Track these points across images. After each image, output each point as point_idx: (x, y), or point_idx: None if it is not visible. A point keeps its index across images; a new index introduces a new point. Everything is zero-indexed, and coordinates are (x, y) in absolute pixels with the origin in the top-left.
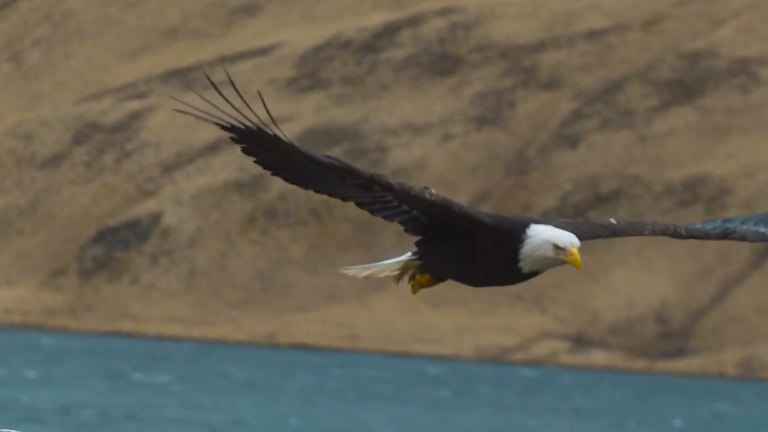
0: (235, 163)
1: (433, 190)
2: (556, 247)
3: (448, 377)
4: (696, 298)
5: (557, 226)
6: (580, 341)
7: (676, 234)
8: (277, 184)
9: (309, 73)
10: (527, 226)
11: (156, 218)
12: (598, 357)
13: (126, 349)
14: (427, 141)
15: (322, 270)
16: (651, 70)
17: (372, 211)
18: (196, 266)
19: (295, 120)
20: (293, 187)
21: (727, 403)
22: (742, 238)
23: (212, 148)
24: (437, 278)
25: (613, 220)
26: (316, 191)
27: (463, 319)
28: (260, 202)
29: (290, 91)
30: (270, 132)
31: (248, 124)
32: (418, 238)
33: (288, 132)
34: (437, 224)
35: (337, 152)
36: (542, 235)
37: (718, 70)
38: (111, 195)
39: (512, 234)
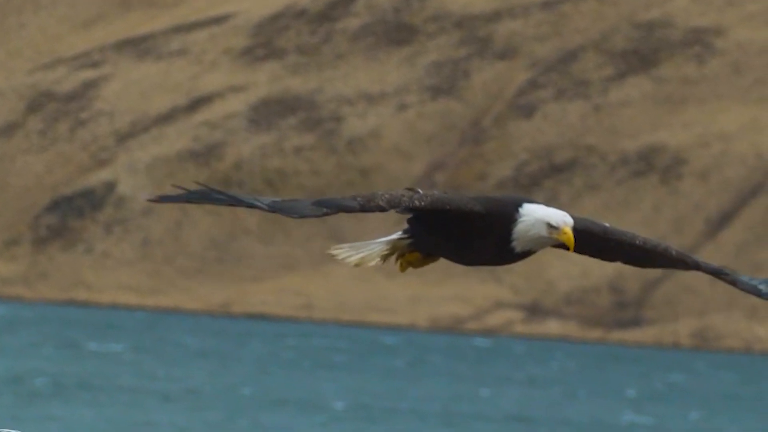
0: (190, 132)
1: (421, 191)
2: (550, 225)
3: (403, 347)
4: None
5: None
6: (534, 311)
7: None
8: (232, 153)
9: (264, 42)
10: (520, 205)
11: (110, 187)
12: (552, 327)
13: (80, 317)
14: (382, 110)
15: (277, 239)
16: (606, 40)
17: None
18: (150, 235)
19: (250, 89)
20: (248, 156)
21: (680, 374)
22: None
23: (167, 118)
24: (427, 257)
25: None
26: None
27: (418, 289)
28: (215, 172)
29: (245, 60)
30: (262, 205)
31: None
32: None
33: (243, 102)
34: (428, 219)
35: (292, 122)
36: (535, 214)
37: (673, 40)
38: (65, 164)
39: (505, 215)
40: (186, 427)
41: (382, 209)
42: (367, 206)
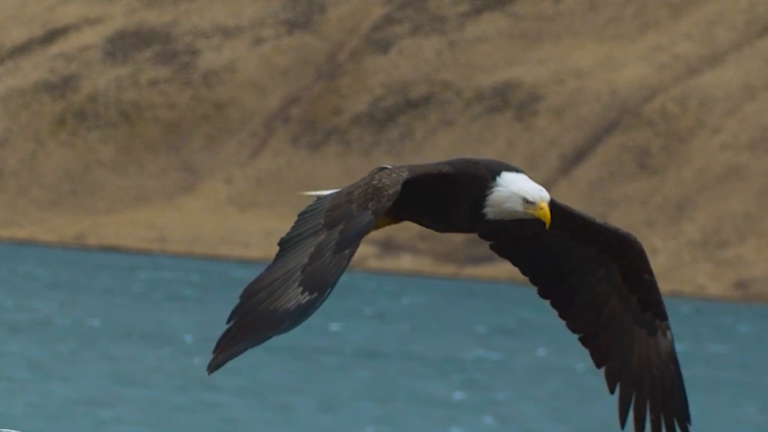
0: (46, 64)
1: (389, 167)
2: (525, 201)
3: None
4: None
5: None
6: (388, 246)
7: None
8: (88, 85)
9: None
10: (498, 173)
11: None
12: (406, 262)
13: None
14: (238, 44)
15: (131, 171)
16: None
17: None
18: (5, 167)
19: (106, 22)
20: (104, 88)
21: (531, 310)
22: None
23: (22, 49)
24: (395, 219)
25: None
26: None
27: (272, 223)
28: (70, 104)
29: None
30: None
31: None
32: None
33: (99, 34)
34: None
35: (148, 54)
36: (512, 186)
37: None
38: None
39: (479, 179)
40: (34, 359)
41: (389, 204)
42: (379, 209)
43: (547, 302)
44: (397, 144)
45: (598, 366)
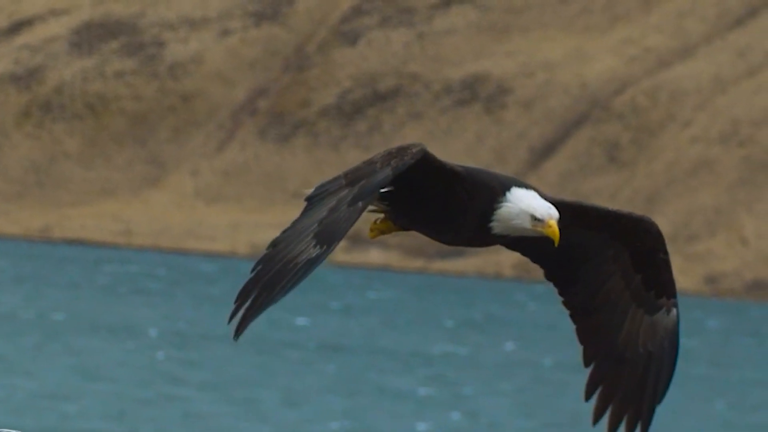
0: (11, 55)
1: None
2: (534, 218)
3: (220, 274)
4: None
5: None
6: (356, 240)
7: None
8: (53, 77)
9: None
10: (508, 188)
11: None
12: (374, 256)
13: None
14: (205, 36)
15: (97, 164)
16: None
17: None
18: None
19: (72, 13)
20: (69, 80)
21: (500, 305)
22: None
23: None
24: (402, 228)
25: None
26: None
27: (238, 216)
28: (36, 96)
29: None
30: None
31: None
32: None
33: (64, 25)
34: (406, 184)
35: (114, 46)
36: (521, 203)
37: None
38: None
39: (490, 190)
40: None
41: (412, 162)
42: (401, 166)
43: (517, 294)
44: (366, 137)
45: (582, 343)
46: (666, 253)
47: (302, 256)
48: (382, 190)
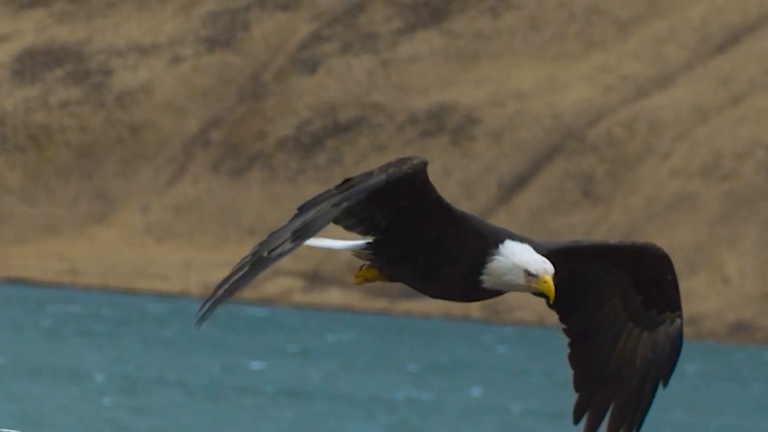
0: None
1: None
2: (528, 273)
3: (171, 315)
4: None
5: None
6: (315, 279)
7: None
8: None
9: None
10: (501, 240)
11: None
12: (334, 296)
13: None
14: (154, 63)
15: (40, 199)
16: None
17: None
18: None
19: (14, 39)
20: (11, 110)
21: (466, 347)
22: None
23: None
24: (388, 278)
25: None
26: None
27: (190, 254)
28: None
29: (10, 7)
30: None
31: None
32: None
33: (6, 52)
34: (397, 221)
35: (58, 74)
36: (513, 257)
37: None
38: None
39: (482, 241)
40: None
41: (409, 174)
42: (397, 173)
43: (484, 336)
44: (325, 170)
45: (573, 368)
46: (674, 274)
47: (276, 251)
48: (369, 239)
